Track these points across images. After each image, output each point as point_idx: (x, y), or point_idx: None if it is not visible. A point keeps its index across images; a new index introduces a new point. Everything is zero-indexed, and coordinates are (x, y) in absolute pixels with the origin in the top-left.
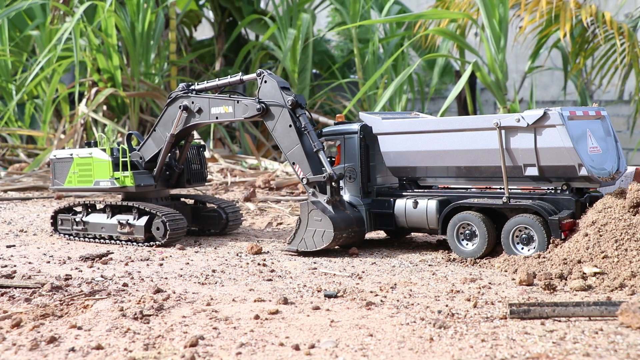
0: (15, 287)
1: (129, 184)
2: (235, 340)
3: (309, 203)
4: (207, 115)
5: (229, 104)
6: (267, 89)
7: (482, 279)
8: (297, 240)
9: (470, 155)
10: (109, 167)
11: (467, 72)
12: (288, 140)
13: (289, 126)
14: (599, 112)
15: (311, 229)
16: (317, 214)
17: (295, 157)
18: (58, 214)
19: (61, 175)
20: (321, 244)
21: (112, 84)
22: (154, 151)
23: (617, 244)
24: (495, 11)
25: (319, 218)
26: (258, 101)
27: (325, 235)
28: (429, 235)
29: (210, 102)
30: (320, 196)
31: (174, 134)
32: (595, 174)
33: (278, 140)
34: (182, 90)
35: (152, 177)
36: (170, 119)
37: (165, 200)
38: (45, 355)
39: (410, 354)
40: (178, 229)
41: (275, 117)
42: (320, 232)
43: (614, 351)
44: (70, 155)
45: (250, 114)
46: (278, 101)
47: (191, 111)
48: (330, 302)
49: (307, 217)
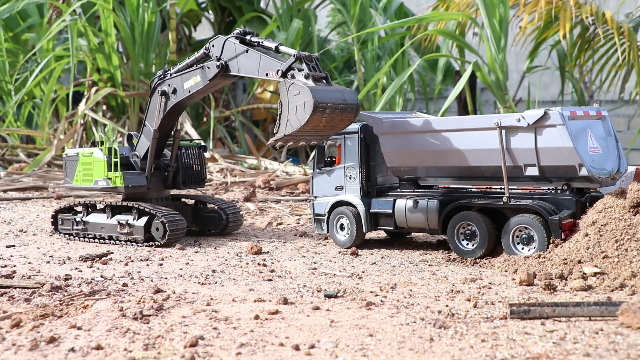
0: (15, 287)
1: (119, 184)
2: (235, 340)
3: (286, 80)
4: (182, 92)
5: (197, 73)
6: (220, 49)
7: (482, 279)
8: (283, 125)
9: (471, 155)
10: (104, 166)
11: (467, 72)
12: (252, 64)
13: (246, 51)
14: (599, 112)
15: (292, 107)
16: (294, 87)
17: (263, 67)
18: (58, 213)
19: (71, 173)
20: (304, 116)
21: (112, 83)
22: (147, 146)
23: (617, 244)
24: (496, 11)
25: (297, 91)
26: (217, 59)
27: (306, 106)
28: (429, 235)
29: (182, 78)
30: (298, 75)
31: (156, 129)
32: (595, 174)
33: (247, 75)
34: (159, 77)
35: (145, 177)
36: (155, 109)
37: (166, 200)
38: (45, 355)
39: (411, 354)
40: (177, 230)
41: (236, 64)
42: (301, 105)
43: (614, 351)
44: (76, 154)
45: (213, 73)
46: (229, 49)
47: (168, 94)
48: (330, 302)
49: (287, 95)
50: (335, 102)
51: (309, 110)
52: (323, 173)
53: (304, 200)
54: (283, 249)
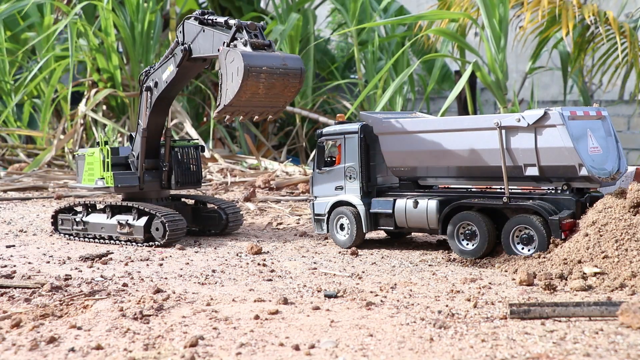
0: (15, 287)
1: (110, 184)
2: (235, 340)
3: (224, 48)
4: (162, 84)
5: (170, 62)
6: (182, 32)
7: (482, 279)
8: (223, 95)
9: (471, 155)
10: (101, 166)
11: (467, 72)
12: (208, 42)
13: (202, 30)
14: (599, 112)
15: (229, 75)
16: (230, 55)
17: (216, 43)
18: (58, 213)
19: (81, 173)
20: (238, 81)
21: (112, 84)
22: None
23: (617, 244)
24: (496, 11)
25: (232, 58)
26: (181, 43)
27: (239, 71)
28: (429, 235)
29: (160, 69)
30: (239, 44)
31: (144, 127)
32: (595, 174)
33: (206, 55)
34: (145, 73)
35: (137, 177)
36: (143, 107)
37: (166, 200)
38: (45, 356)
39: (411, 354)
40: (177, 230)
41: (197, 45)
42: (235, 72)
43: (614, 351)
44: (85, 153)
45: (179, 58)
46: (189, 31)
47: (152, 89)
48: (330, 302)
49: (225, 64)
50: (272, 66)
51: (241, 75)
52: (323, 173)
53: (304, 200)
54: (283, 249)
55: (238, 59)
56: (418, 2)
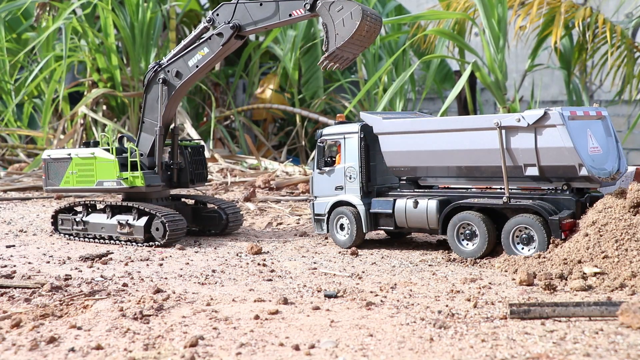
0: (15, 287)
1: (139, 184)
2: (235, 340)
3: (324, 1)
4: (187, 71)
5: (203, 47)
6: (232, 12)
7: (482, 279)
8: (332, 40)
9: (471, 155)
10: (115, 167)
11: (467, 73)
12: (269, 12)
13: (260, 4)
14: (599, 112)
15: (338, 21)
16: (336, 4)
17: (284, 10)
18: (58, 213)
19: (57, 175)
20: (354, 24)
21: (112, 84)
22: (151, 141)
23: (617, 244)
24: (494, 11)
25: (339, 7)
26: (227, 22)
27: (354, 15)
28: (429, 235)
29: (184, 58)
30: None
31: (161, 125)
32: (595, 174)
33: (266, 24)
34: (152, 69)
35: (158, 176)
36: (154, 101)
37: (166, 200)
38: (45, 355)
39: (411, 354)
40: (177, 230)
41: (250, 19)
42: (348, 17)
43: (614, 351)
44: (68, 154)
45: (227, 36)
46: (240, 9)
47: (170, 81)
48: (330, 302)
49: (329, 14)
50: (371, 12)
51: (357, 17)
52: (323, 173)
53: (304, 200)
54: (283, 249)
55: (349, 5)
56: (418, 2)
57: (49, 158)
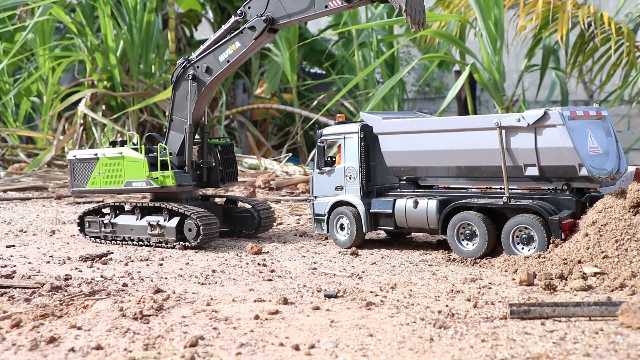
0: (15, 287)
1: (170, 184)
2: (235, 340)
3: None
4: (218, 66)
5: (234, 41)
6: (265, 4)
7: (482, 279)
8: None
9: (471, 155)
10: (145, 166)
11: (465, 73)
12: (303, 4)
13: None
14: (599, 112)
15: None
16: None
17: (319, 2)
18: (85, 215)
19: (83, 176)
20: None
21: (112, 84)
22: (180, 140)
23: (617, 244)
24: (491, 13)
25: None
26: (259, 16)
27: None
28: (429, 235)
29: (215, 53)
30: None
31: (191, 122)
32: (595, 174)
33: (302, 17)
34: (181, 65)
35: (189, 176)
36: (183, 99)
37: (196, 200)
38: (45, 356)
39: (411, 354)
40: (211, 231)
41: (284, 11)
42: None
43: (614, 351)
44: (95, 154)
45: (260, 29)
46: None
47: (200, 78)
48: (330, 302)
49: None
50: None
51: None
52: (323, 173)
53: (304, 200)
54: (283, 249)
55: None
56: None
57: (74, 159)
